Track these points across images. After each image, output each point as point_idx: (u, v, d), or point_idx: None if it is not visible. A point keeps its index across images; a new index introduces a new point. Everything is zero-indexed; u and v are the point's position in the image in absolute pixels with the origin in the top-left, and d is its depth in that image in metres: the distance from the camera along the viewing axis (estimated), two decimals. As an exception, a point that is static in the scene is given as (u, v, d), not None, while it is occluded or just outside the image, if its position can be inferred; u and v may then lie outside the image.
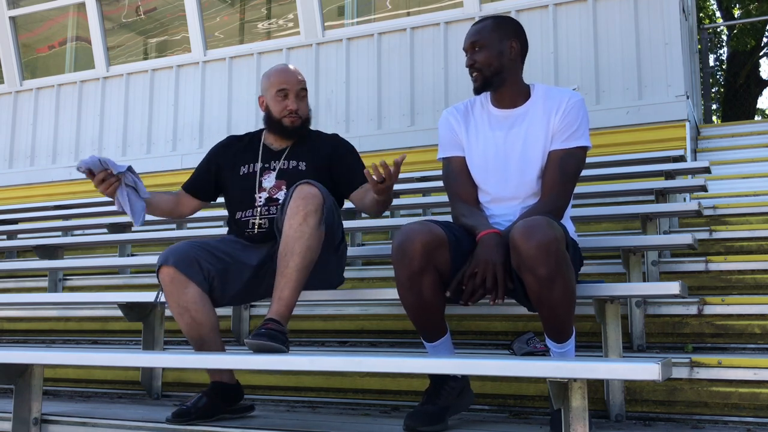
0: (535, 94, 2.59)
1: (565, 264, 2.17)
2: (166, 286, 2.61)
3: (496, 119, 2.59)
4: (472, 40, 2.56)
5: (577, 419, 1.93)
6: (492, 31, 2.55)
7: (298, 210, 2.49)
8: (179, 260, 2.60)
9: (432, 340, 2.47)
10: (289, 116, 2.88)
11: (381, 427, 2.50)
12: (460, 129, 2.61)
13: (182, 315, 2.61)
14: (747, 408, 2.60)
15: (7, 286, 5.16)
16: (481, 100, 2.65)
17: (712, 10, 16.50)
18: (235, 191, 2.91)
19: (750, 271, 3.53)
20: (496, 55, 2.52)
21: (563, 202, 2.49)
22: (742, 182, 5.34)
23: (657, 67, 5.58)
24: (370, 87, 6.48)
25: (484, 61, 2.52)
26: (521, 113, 2.56)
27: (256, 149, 2.96)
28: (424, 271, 2.29)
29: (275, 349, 2.34)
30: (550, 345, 2.37)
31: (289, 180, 2.81)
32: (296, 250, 2.47)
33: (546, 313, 2.28)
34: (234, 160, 2.96)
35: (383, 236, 4.86)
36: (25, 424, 2.58)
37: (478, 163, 2.58)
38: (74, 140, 7.65)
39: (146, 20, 7.84)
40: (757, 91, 15.47)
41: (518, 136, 2.53)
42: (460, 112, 2.65)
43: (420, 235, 2.27)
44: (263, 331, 2.37)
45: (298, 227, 2.48)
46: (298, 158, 2.89)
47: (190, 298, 2.60)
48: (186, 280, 2.59)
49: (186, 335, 2.66)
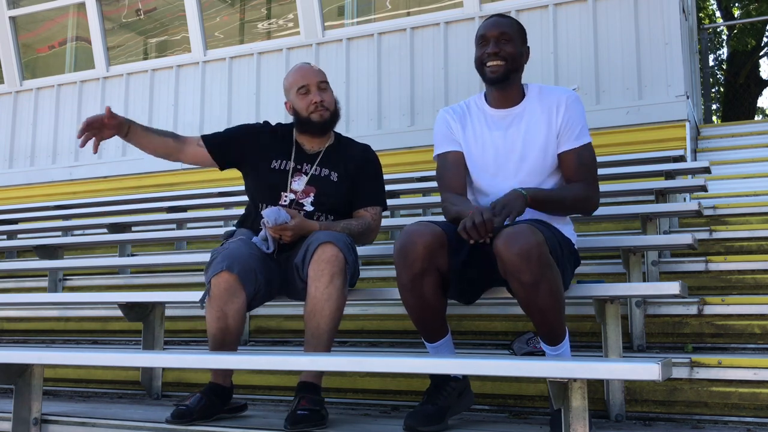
0: (530, 93, 2.61)
1: (549, 268, 2.18)
2: (219, 291, 2.53)
3: (493, 119, 2.60)
4: (503, 30, 2.54)
5: (577, 419, 1.93)
6: (519, 31, 2.60)
7: (323, 273, 2.50)
8: (242, 270, 2.53)
9: (433, 341, 2.47)
10: (316, 110, 2.84)
11: (381, 427, 2.50)
12: (457, 127, 2.62)
13: (219, 320, 2.55)
14: (747, 408, 2.60)
15: (7, 286, 5.16)
16: (476, 101, 2.67)
17: (712, 10, 16.49)
18: (262, 182, 2.87)
19: (750, 271, 3.53)
20: (519, 53, 2.57)
21: (593, 192, 2.53)
22: (742, 182, 5.34)
23: (657, 67, 5.58)
24: (370, 87, 6.48)
25: (512, 53, 2.54)
26: (518, 112, 2.58)
27: (289, 146, 2.92)
28: (426, 272, 2.30)
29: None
30: (545, 348, 2.39)
31: (319, 188, 2.80)
32: (326, 312, 2.52)
33: (536, 318, 2.29)
34: (267, 149, 2.90)
35: (383, 236, 4.86)
36: (25, 424, 2.58)
37: (478, 163, 2.58)
38: (74, 140, 7.63)
39: (146, 20, 7.84)
40: (757, 91, 15.47)
41: (517, 135, 2.54)
42: (457, 112, 2.65)
43: (422, 237, 2.27)
44: (300, 415, 2.38)
45: (324, 289, 2.51)
46: (331, 167, 2.86)
47: (236, 307, 2.55)
48: (240, 290, 2.54)
49: (210, 336, 2.60)
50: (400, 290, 2.37)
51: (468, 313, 3.48)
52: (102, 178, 7.37)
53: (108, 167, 7.36)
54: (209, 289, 2.55)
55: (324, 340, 2.53)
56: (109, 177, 7.32)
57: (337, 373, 3.07)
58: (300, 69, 2.92)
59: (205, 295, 2.59)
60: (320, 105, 2.84)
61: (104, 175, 7.36)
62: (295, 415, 2.38)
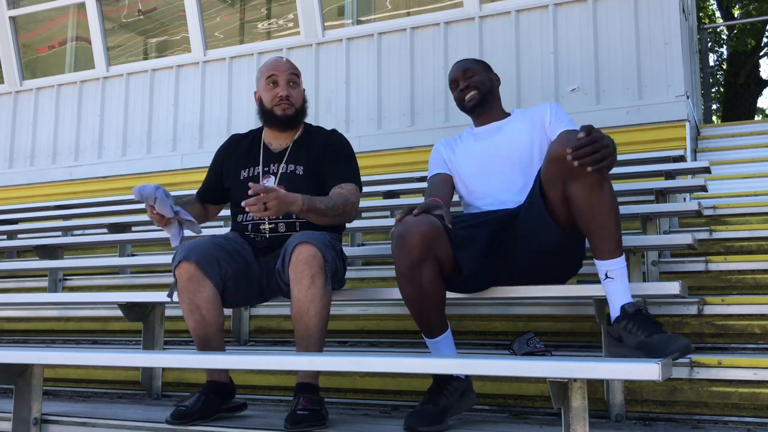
0: (514, 115, 2.94)
1: (609, 170, 2.23)
2: (183, 282, 2.57)
3: (480, 134, 2.92)
4: (464, 68, 2.93)
5: (577, 419, 1.93)
6: (480, 63, 2.98)
7: (303, 274, 2.47)
8: (201, 258, 2.56)
9: (433, 336, 2.48)
10: (279, 104, 2.81)
11: (381, 427, 2.50)
12: (448, 152, 2.92)
13: (192, 312, 2.58)
14: (747, 408, 2.60)
15: (7, 286, 5.16)
16: (467, 130, 3.00)
17: (712, 10, 16.49)
18: (235, 195, 2.86)
19: (750, 271, 3.53)
20: (487, 78, 2.94)
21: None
22: (742, 182, 5.34)
23: (657, 67, 5.58)
24: (370, 87, 6.48)
25: (479, 81, 2.91)
26: (502, 124, 2.89)
27: (257, 151, 2.90)
28: (424, 260, 2.32)
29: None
30: (605, 266, 2.30)
31: (286, 186, 2.70)
32: (311, 313, 2.49)
33: (599, 221, 2.26)
34: (236, 163, 2.91)
35: (383, 236, 4.86)
36: (25, 424, 2.58)
37: (468, 169, 2.82)
38: (74, 140, 7.65)
39: (146, 20, 7.84)
40: (757, 91, 15.46)
41: (503, 138, 2.82)
42: (449, 142, 2.98)
43: (419, 225, 2.31)
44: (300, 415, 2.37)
45: (307, 291, 2.48)
46: (296, 161, 2.83)
47: (204, 296, 2.57)
48: (204, 278, 2.56)
49: (192, 333, 2.64)
50: (398, 280, 2.39)
51: (468, 313, 3.48)
52: (102, 178, 7.37)
53: (108, 167, 7.36)
54: (175, 282, 2.59)
55: (314, 341, 2.51)
56: (109, 177, 7.31)
57: (337, 373, 3.07)
58: (274, 60, 2.90)
59: (173, 289, 2.64)
60: (285, 99, 2.81)
61: (104, 175, 7.36)
62: (295, 415, 2.38)
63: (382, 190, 5.01)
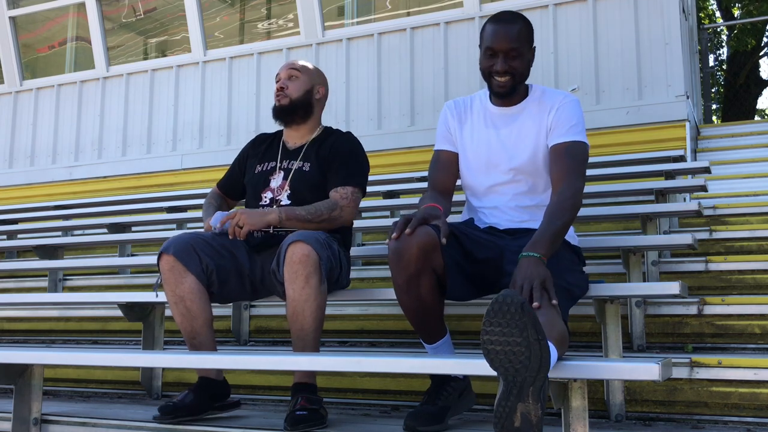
0: (532, 95, 2.60)
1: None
2: (165, 275, 2.62)
3: (492, 117, 2.60)
4: (513, 46, 2.46)
5: (577, 419, 1.93)
6: (526, 39, 2.51)
7: (297, 274, 2.46)
8: (179, 250, 2.61)
9: (432, 342, 2.46)
10: (276, 96, 2.92)
11: (381, 427, 2.50)
12: (455, 126, 2.64)
13: (177, 304, 2.62)
14: (747, 408, 2.60)
15: (7, 286, 5.16)
16: (481, 97, 2.66)
17: (712, 10, 16.48)
18: (248, 188, 2.96)
19: (750, 271, 3.53)
20: (527, 63, 2.53)
21: (581, 183, 2.44)
22: (742, 182, 5.34)
23: (657, 67, 5.58)
24: (370, 87, 6.48)
25: (521, 69, 2.50)
26: (516, 111, 2.58)
27: (277, 148, 2.97)
28: (422, 273, 2.28)
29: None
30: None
31: (293, 182, 2.81)
32: (307, 313, 2.49)
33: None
34: (255, 158, 2.98)
35: (383, 236, 4.86)
36: (25, 424, 2.58)
37: (471, 161, 2.60)
38: (74, 140, 7.65)
39: (146, 20, 7.84)
40: (757, 91, 15.46)
41: (510, 135, 2.55)
42: (459, 107, 2.66)
43: (415, 237, 2.24)
44: (300, 415, 2.38)
45: (302, 291, 2.48)
46: (307, 159, 2.88)
47: (187, 288, 2.60)
48: (184, 269, 2.60)
49: (179, 326, 2.66)
50: (396, 292, 2.35)
51: (468, 313, 3.48)
52: (102, 178, 7.37)
53: (108, 167, 7.36)
54: (159, 277, 2.65)
55: (310, 341, 2.52)
56: (109, 177, 7.32)
57: (337, 373, 3.07)
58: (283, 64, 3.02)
59: (157, 282, 2.68)
60: (280, 91, 2.91)
61: (104, 175, 7.36)
62: (294, 415, 2.37)
63: (382, 190, 5.01)
